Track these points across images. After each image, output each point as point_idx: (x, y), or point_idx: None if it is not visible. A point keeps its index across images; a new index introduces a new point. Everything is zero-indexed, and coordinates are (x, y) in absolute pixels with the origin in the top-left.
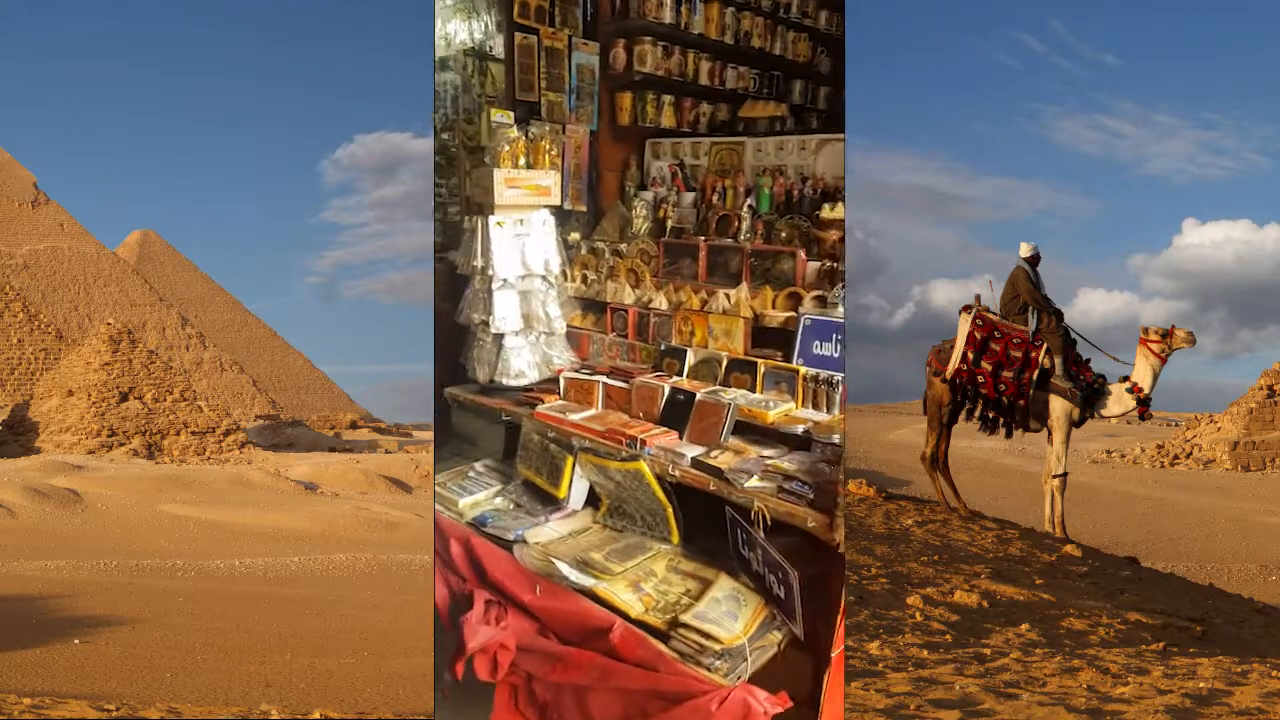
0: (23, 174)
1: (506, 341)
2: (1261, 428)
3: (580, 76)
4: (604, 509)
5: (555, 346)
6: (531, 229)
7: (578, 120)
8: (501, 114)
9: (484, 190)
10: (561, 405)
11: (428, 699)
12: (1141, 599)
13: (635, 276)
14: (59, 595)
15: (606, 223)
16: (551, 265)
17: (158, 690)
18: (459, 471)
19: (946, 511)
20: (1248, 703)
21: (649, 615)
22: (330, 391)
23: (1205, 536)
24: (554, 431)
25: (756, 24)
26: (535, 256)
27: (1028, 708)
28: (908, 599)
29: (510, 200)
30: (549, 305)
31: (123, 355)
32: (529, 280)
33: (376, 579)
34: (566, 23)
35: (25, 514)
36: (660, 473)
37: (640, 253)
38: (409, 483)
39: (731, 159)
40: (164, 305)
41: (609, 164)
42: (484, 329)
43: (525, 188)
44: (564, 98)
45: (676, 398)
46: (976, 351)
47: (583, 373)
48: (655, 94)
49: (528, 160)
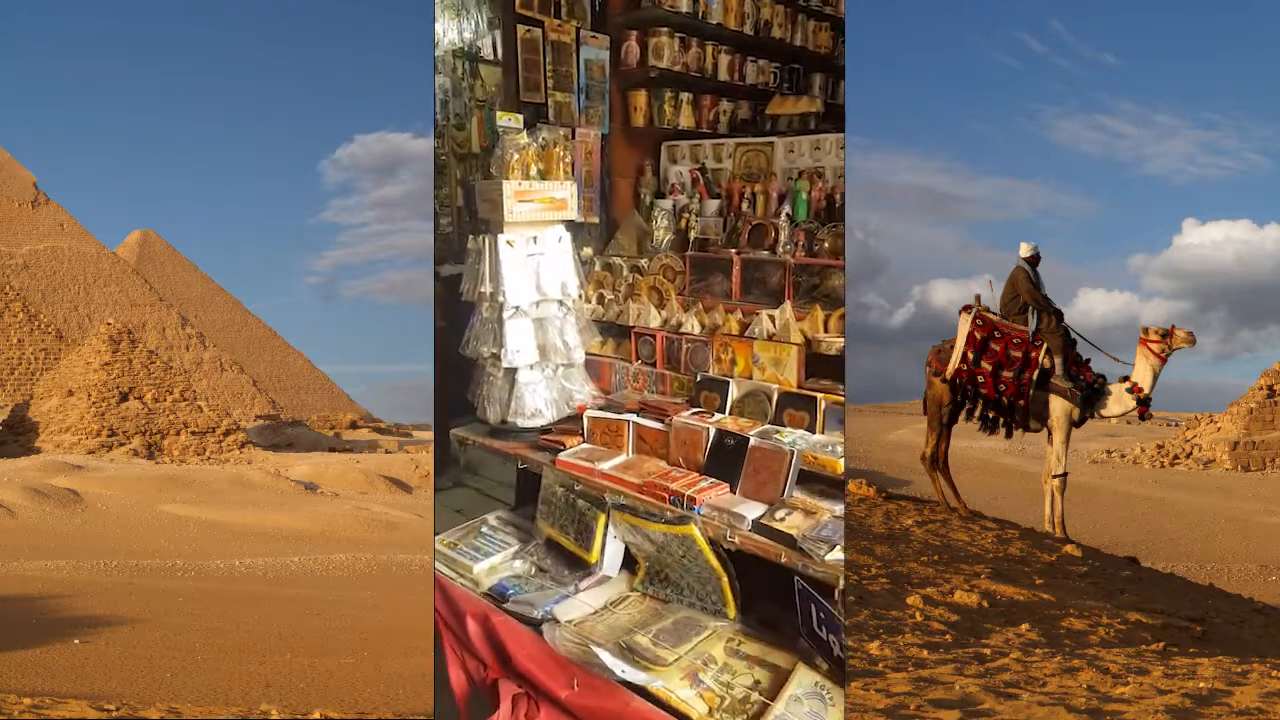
0: (23, 174)
1: (520, 376)
2: (1261, 428)
3: (590, 74)
4: (642, 574)
5: (574, 379)
6: (546, 247)
7: (588, 122)
8: (509, 117)
9: (491, 205)
10: (587, 451)
11: (428, 699)
12: (1141, 599)
13: (659, 295)
14: (59, 595)
15: (622, 235)
16: (569, 287)
17: (158, 690)
18: (468, 529)
19: (946, 511)
20: (1248, 703)
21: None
22: (330, 391)
23: (1205, 536)
24: (581, 484)
25: (777, 13)
26: (551, 278)
27: (1028, 708)
28: (908, 599)
29: (522, 216)
30: (567, 333)
31: (123, 355)
32: (544, 306)
33: (376, 579)
34: (574, 14)
35: (25, 514)
36: (714, 537)
37: (663, 268)
38: (409, 483)
39: (759, 161)
40: (164, 305)
41: (622, 170)
42: (494, 363)
43: (538, 201)
44: (572, 98)
45: (724, 442)
46: (976, 351)
47: (609, 410)
48: (673, 91)
49: (540, 170)
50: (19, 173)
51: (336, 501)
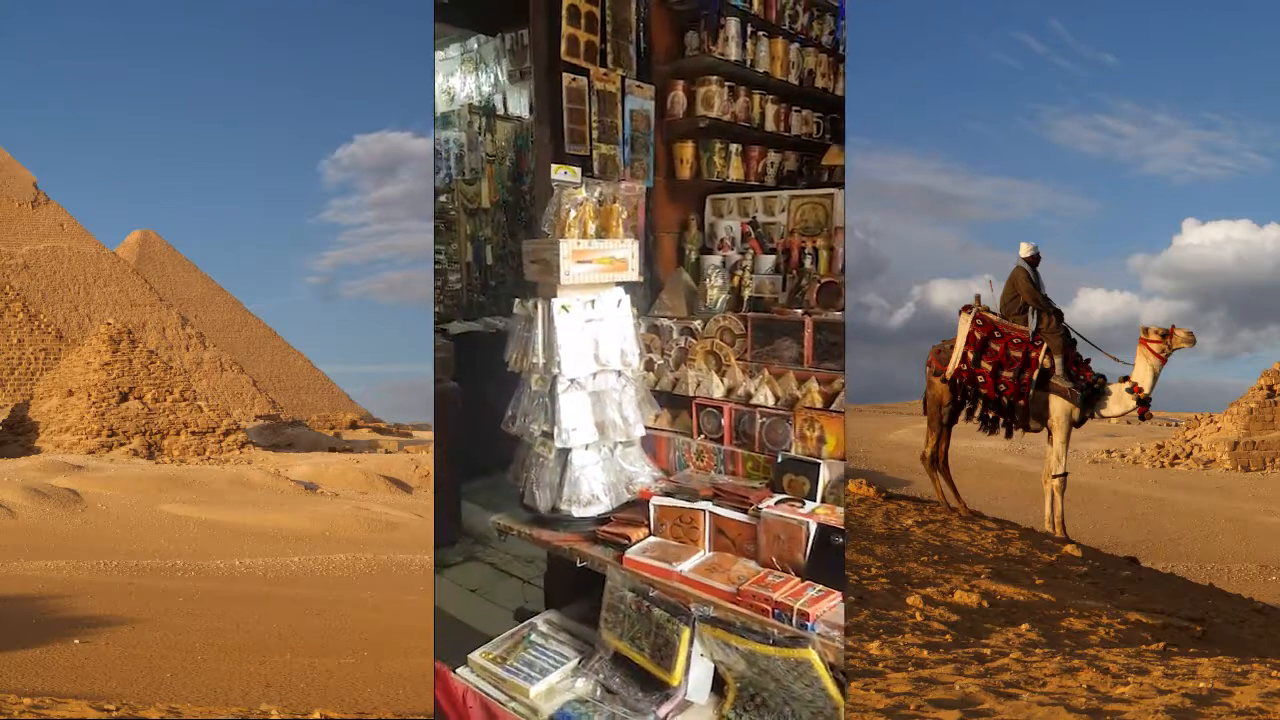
0: (23, 174)
1: (574, 458)
2: (1261, 428)
3: (635, 125)
4: (733, 698)
5: (634, 460)
6: (604, 312)
7: (632, 176)
8: (564, 170)
9: (543, 267)
10: (658, 547)
11: (428, 699)
12: (1141, 599)
13: (717, 361)
14: (59, 595)
15: (668, 295)
16: (629, 356)
17: (158, 690)
18: (515, 640)
19: (946, 511)
20: (1248, 703)
21: None
22: (330, 391)
23: (1205, 536)
24: (656, 589)
25: (820, 61)
26: (610, 346)
27: (1028, 708)
28: (908, 599)
29: (579, 278)
30: (626, 407)
31: (123, 355)
32: (602, 377)
33: (376, 579)
34: (619, 62)
35: (25, 514)
36: (835, 661)
37: (721, 331)
38: (409, 483)
39: (818, 214)
40: (164, 305)
41: (665, 225)
42: (545, 443)
43: (597, 262)
44: (618, 150)
45: (831, 539)
46: (976, 351)
47: (678, 496)
48: (723, 142)
49: (598, 227)
50: (19, 173)
51: (336, 501)
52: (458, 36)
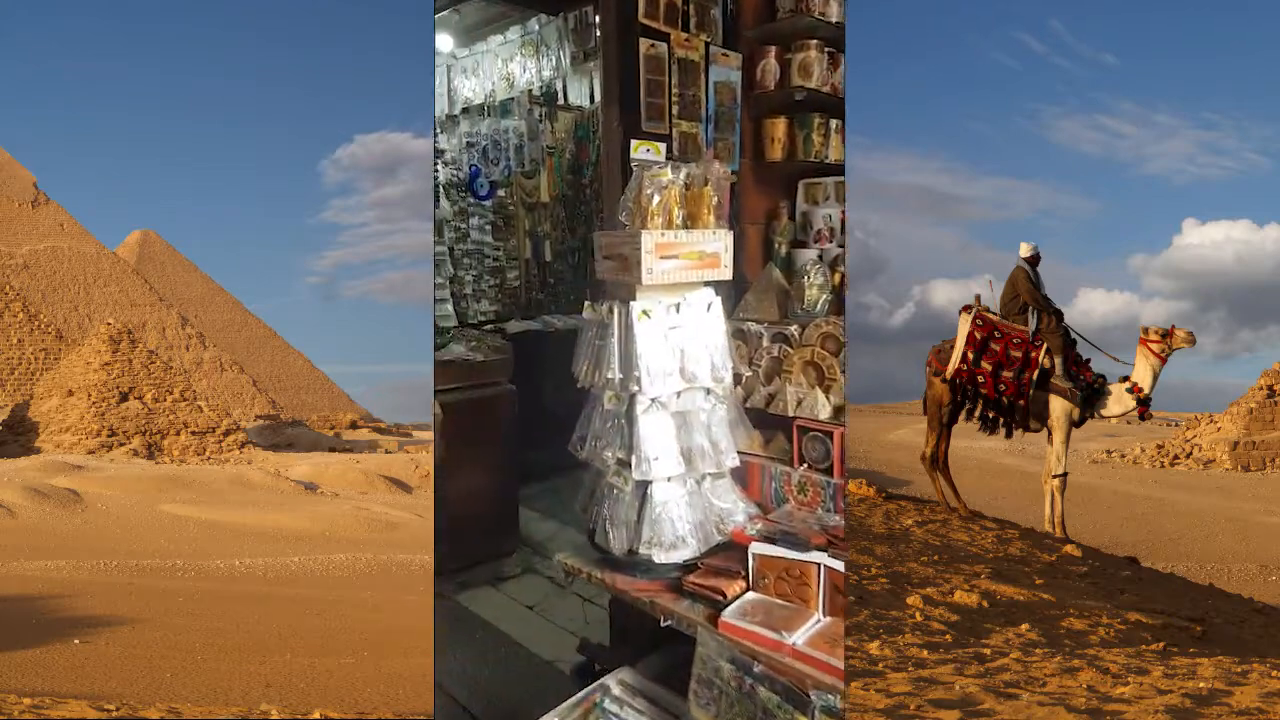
0: (23, 174)
1: (655, 492)
2: (1261, 428)
3: (719, 98)
4: None
5: (725, 495)
6: (692, 318)
7: (715, 157)
8: (647, 147)
9: (619, 264)
10: (761, 607)
11: (428, 699)
12: (1141, 599)
13: (819, 373)
14: (59, 595)
15: (756, 296)
16: (721, 370)
17: (158, 690)
18: (584, 707)
19: (946, 511)
20: (1248, 703)
21: None
22: (330, 391)
23: (1205, 536)
24: (762, 663)
25: None
26: (698, 359)
27: (1028, 708)
28: (908, 599)
29: (663, 277)
30: (716, 431)
31: (123, 355)
32: (689, 396)
33: (376, 579)
34: (703, 25)
35: (25, 514)
36: None
37: (824, 338)
38: (409, 483)
39: None
40: (164, 305)
41: (751, 214)
42: (620, 473)
43: (685, 257)
44: (699, 128)
45: None
46: (976, 351)
47: (783, 544)
48: (822, 118)
49: (685, 216)
50: (19, 173)
51: (336, 501)
52: (518, 18)
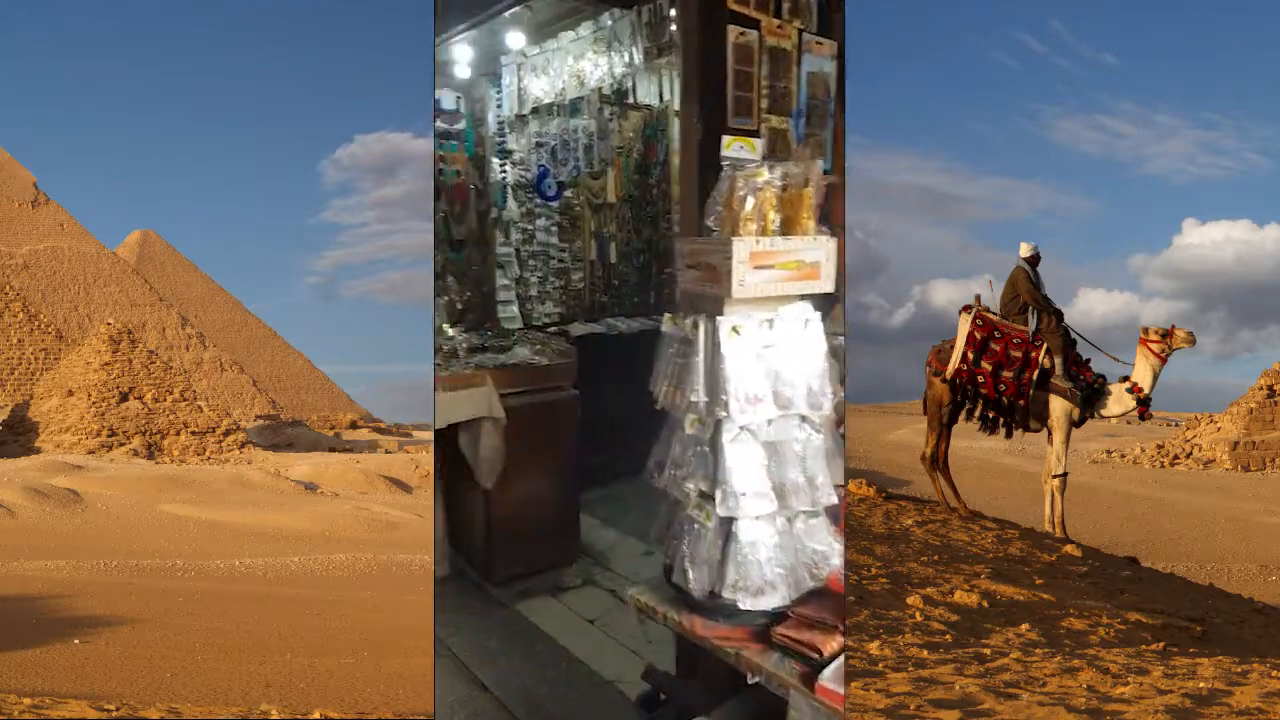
0: (23, 174)
1: (742, 530)
2: (1261, 428)
3: (812, 91)
4: None
5: (821, 535)
6: (787, 335)
7: (807, 156)
8: (740, 143)
9: (707, 274)
10: None
11: (428, 699)
12: (1141, 599)
13: None
14: (59, 595)
15: None
16: (820, 396)
17: (158, 690)
18: None
19: (946, 511)
20: (1248, 703)
21: None
22: (330, 391)
23: (1205, 536)
24: None
25: None
26: (794, 382)
27: (1028, 708)
28: (908, 599)
29: (756, 289)
30: (812, 464)
31: (123, 355)
32: (782, 425)
33: (376, 579)
34: (796, 12)
35: (25, 514)
36: None
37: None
38: (409, 483)
39: None
40: (164, 305)
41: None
42: (702, 506)
43: (781, 267)
44: (790, 123)
45: None
46: (976, 351)
47: None
48: None
49: (782, 221)
50: (19, 173)
51: (336, 501)
52: (590, 13)
